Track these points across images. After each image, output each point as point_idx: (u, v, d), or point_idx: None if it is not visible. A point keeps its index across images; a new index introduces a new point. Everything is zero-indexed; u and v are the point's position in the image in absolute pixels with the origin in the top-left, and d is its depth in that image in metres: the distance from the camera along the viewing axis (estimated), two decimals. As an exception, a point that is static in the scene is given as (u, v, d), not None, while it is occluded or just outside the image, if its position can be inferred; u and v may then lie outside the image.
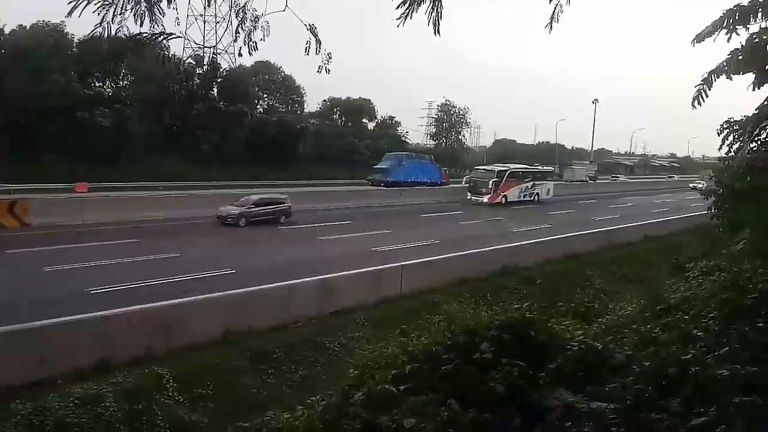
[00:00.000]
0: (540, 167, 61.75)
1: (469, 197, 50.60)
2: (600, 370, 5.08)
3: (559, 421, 4.47)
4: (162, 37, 4.59)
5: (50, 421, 11.03)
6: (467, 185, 54.31)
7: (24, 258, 21.77)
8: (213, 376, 13.69)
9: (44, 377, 12.27)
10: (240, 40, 4.92)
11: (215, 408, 12.92)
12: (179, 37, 4.78)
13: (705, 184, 62.88)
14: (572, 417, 4.46)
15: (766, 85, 8.58)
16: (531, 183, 54.40)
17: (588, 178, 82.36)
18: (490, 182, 50.01)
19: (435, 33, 5.63)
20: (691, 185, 69.54)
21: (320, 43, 5.13)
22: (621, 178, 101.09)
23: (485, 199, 49.47)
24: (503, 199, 50.63)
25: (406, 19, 5.60)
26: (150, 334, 14.18)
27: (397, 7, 5.57)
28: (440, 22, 5.59)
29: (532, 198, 53.84)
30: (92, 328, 13.65)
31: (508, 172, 52.53)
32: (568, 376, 5.07)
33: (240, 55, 5.33)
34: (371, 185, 55.50)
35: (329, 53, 5.27)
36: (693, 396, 4.02)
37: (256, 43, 5.01)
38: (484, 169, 54.58)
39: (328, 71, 5.37)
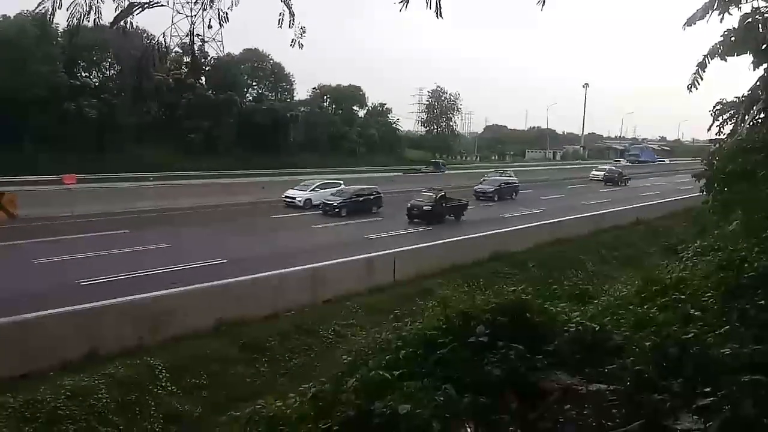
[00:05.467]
0: None
1: None
2: (598, 352, 5.00)
3: (558, 404, 4.39)
4: (138, 8, 4.41)
5: (42, 414, 10.93)
6: None
7: (13, 250, 21.49)
8: (206, 366, 13.62)
9: (34, 370, 12.14)
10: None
11: (209, 397, 12.87)
12: (157, 5, 4.57)
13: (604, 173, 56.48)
14: (571, 399, 4.38)
15: (761, 66, 8.51)
16: None
17: None
18: None
19: (437, 16, 5.40)
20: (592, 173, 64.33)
21: (294, 15, 4.98)
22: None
23: None
24: None
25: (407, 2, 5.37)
26: (141, 325, 14.06)
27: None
28: (441, 5, 5.35)
29: None
30: (82, 320, 13.51)
31: None
32: (566, 359, 5.00)
33: (210, 26, 5.15)
34: (627, 163, 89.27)
35: (303, 27, 5.11)
36: (695, 376, 3.95)
37: (226, 13, 4.84)
38: None
39: (301, 46, 5.20)
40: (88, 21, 4.50)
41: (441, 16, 5.35)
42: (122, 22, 4.68)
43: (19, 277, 17.90)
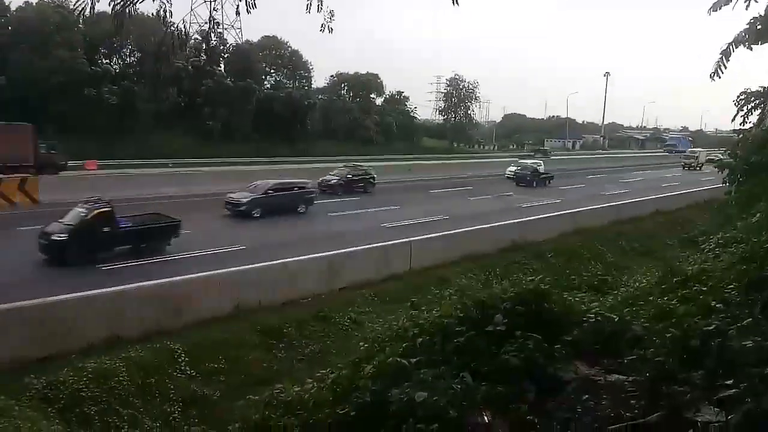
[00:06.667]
0: None
1: None
2: (617, 343, 4.96)
3: (576, 394, 4.37)
4: None
5: (64, 395, 11.15)
6: None
7: (34, 235, 21.79)
8: (224, 351, 13.76)
9: (57, 352, 12.36)
10: None
11: (227, 382, 13.02)
12: None
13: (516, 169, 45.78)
14: (589, 390, 4.36)
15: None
16: None
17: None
18: None
19: (453, 2, 5.30)
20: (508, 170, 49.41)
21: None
22: None
23: None
24: None
25: None
26: (161, 310, 14.24)
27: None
28: None
29: None
30: (104, 304, 13.72)
31: None
32: (584, 349, 4.97)
33: (238, 13, 5.12)
34: (665, 152, 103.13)
35: (332, 11, 5.07)
36: (716, 368, 3.90)
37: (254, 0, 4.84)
38: None
39: (330, 30, 5.16)
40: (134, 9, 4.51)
41: (457, 2, 5.24)
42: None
43: (42, 260, 18.20)
